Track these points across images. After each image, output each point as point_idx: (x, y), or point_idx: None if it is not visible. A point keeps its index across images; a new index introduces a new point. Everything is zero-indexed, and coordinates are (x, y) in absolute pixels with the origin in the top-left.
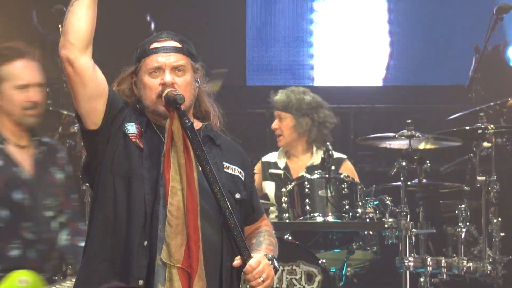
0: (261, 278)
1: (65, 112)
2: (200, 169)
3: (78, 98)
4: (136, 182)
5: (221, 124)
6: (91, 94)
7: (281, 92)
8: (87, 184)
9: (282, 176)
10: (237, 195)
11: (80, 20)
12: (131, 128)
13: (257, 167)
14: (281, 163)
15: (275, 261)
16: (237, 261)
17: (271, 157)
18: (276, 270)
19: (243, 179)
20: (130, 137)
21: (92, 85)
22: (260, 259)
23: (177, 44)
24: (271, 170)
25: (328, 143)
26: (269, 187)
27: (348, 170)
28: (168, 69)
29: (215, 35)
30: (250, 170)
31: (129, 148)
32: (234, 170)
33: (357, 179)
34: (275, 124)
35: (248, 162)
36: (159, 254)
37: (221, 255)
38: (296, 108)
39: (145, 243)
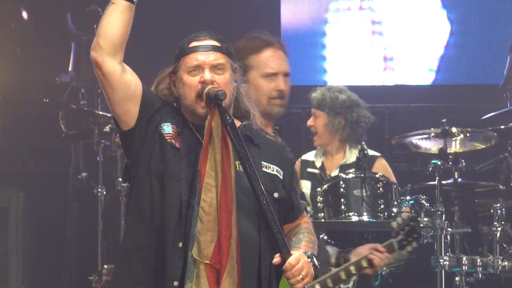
0: (301, 276)
1: (100, 113)
2: (238, 168)
3: (110, 100)
4: (172, 182)
5: (260, 124)
6: (121, 97)
7: (318, 89)
8: (124, 184)
9: (317, 176)
10: (276, 194)
11: (112, 24)
12: (167, 128)
13: (296, 166)
14: (318, 162)
15: (314, 259)
16: (276, 259)
17: (310, 155)
18: (315, 268)
19: (281, 178)
20: (166, 137)
21: (121, 88)
22: (300, 256)
23: (216, 43)
24: (308, 169)
25: (363, 142)
26: (306, 186)
27: (382, 167)
28: (207, 67)
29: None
30: (289, 169)
31: (164, 148)
32: (272, 169)
33: (392, 177)
34: (310, 121)
35: (288, 160)
36: (191, 251)
37: (259, 253)
38: (329, 107)
39: (180, 244)
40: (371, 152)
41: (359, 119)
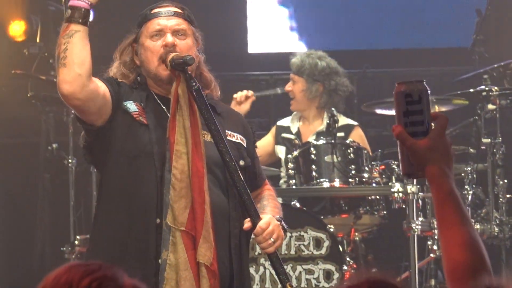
0: (272, 239)
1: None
2: (204, 138)
3: (87, 117)
4: (145, 159)
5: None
6: (99, 107)
7: (297, 55)
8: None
9: (293, 141)
10: (241, 162)
11: (84, 49)
12: (131, 106)
13: (272, 131)
14: (294, 127)
15: (283, 222)
16: (247, 224)
17: (285, 121)
18: (285, 231)
19: (245, 146)
20: (133, 115)
21: (100, 101)
22: (270, 220)
23: (178, 10)
24: (284, 135)
25: (333, 109)
26: (281, 152)
27: (358, 136)
28: (169, 31)
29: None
30: (251, 137)
31: (133, 127)
32: (236, 137)
33: (367, 146)
34: (288, 86)
35: (249, 129)
36: (165, 219)
37: (228, 221)
38: (308, 73)
39: (158, 220)
40: (348, 121)
41: (337, 87)
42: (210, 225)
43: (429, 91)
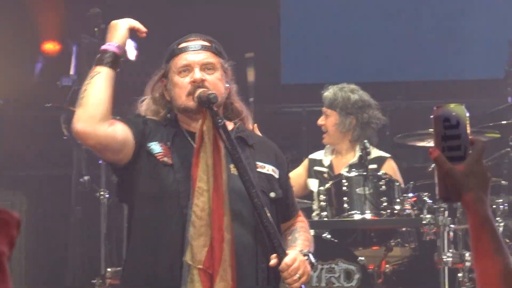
0: (297, 275)
1: None
2: (231, 171)
3: (106, 157)
4: (170, 199)
5: (253, 124)
6: (118, 150)
7: (330, 88)
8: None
9: (325, 174)
10: (272, 194)
11: (102, 92)
12: (155, 147)
13: (304, 164)
14: (327, 160)
15: (311, 256)
16: (273, 261)
17: (318, 155)
18: (312, 265)
19: (277, 177)
20: (157, 157)
21: (119, 145)
22: (296, 256)
23: (206, 43)
24: (316, 168)
25: (365, 141)
26: (313, 185)
27: (391, 168)
28: (197, 66)
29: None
30: (285, 168)
31: (157, 169)
32: (268, 169)
33: (399, 178)
34: (321, 120)
35: (283, 159)
36: (185, 256)
37: (256, 256)
38: (341, 107)
39: (182, 257)
40: (380, 153)
41: (370, 120)
42: (229, 264)
43: (467, 114)
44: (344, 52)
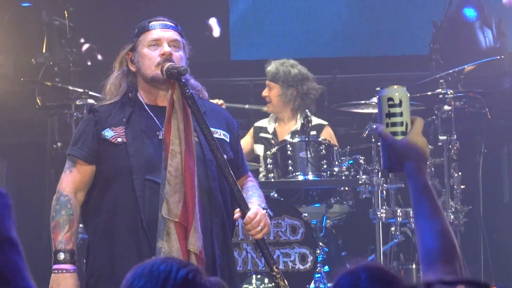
0: (259, 227)
1: (72, 88)
2: (196, 138)
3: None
4: (122, 175)
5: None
6: (93, 174)
7: (272, 63)
8: None
9: (270, 140)
10: (224, 156)
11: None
12: (108, 134)
13: (250, 131)
14: (270, 128)
15: (269, 210)
16: (237, 214)
17: (263, 122)
18: (270, 217)
19: (228, 140)
20: (111, 140)
21: (92, 172)
22: (257, 210)
23: (173, 24)
24: (261, 134)
25: (306, 110)
26: (259, 149)
27: (328, 135)
28: (166, 42)
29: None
30: (235, 132)
31: (110, 150)
32: (219, 133)
33: (335, 143)
34: (265, 92)
35: (233, 125)
36: (160, 211)
37: (210, 213)
38: (283, 80)
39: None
40: (319, 121)
41: (309, 91)
42: (199, 217)
43: (408, 95)
44: (286, 31)
